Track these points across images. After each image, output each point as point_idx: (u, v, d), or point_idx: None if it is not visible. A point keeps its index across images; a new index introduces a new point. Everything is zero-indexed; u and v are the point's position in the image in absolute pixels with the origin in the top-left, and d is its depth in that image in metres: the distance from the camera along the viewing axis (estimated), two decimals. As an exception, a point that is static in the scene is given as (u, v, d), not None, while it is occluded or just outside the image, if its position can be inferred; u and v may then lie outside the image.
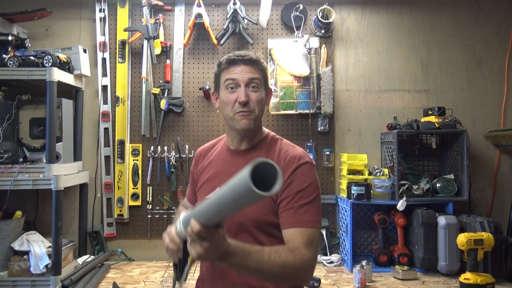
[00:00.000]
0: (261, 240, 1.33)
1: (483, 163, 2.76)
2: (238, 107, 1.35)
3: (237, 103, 1.35)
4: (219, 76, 1.42)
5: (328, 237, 2.59)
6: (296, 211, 1.28)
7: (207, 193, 1.40)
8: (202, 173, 1.50)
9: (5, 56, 2.24)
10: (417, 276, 2.25)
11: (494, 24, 2.80)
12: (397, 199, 2.39)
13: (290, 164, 1.33)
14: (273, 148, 1.41)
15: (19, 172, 2.18)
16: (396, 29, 2.79)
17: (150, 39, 2.61)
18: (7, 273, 2.17)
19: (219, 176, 1.42)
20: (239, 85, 1.36)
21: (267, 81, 1.45)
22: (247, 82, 1.36)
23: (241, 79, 1.36)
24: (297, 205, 1.29)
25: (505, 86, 2.78)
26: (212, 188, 1.38)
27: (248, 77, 1.36)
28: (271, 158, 1.34)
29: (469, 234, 2.07)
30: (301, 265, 1.19)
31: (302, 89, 2.67)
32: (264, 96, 1.41)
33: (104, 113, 2.66)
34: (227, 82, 1.37)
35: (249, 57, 1.39)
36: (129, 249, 2.65)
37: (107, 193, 2.65)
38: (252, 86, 1.37)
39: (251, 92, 1.36)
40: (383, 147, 2.69)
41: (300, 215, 1.28)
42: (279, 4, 2.72)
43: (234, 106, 1.36)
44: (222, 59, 1.42)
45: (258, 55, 1.42)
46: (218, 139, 1.57)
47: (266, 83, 1.44)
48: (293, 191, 1.30)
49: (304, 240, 1.24)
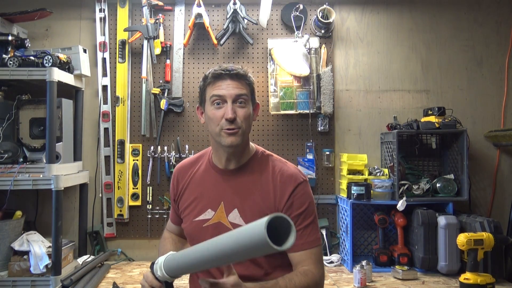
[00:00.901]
0: (259, 261, 1.33)
1: (483, 163, 2.76)
2: (225, 124, 1.29)
3: (223, 120, 1.29)
4: (204, 91, 1.36)
5: (328, 237, 2.59)
6: (302, 233, 1.29)
7: (195, 215, 1.38)
8: (185, 193, 1.44)
9: (5, 56, 2.23)
10: (417, 276, 2.25)
11: (494, 24, 2.80)
12: (397, 199, 2.39)
13: (287, 184, 1.32)
14: (265, 167, 1.38)
15: (19, 172, 2.17)
16: (396, 29, 2.79)
17: (150, 39, 2.61)
18: (7, 273, 2.17)
19: (209, 197, 1.38)
20: (226, 101, 1.31)
21: (254, 95, 1.40)
22: (234, 98, 1.30)
23: (227, 95, 1.30)
24: (302, 227, 1.30)
25: (505, 86, 2.78)
26: (201, 210, 1.37)
27: (235, 93, 1.31)
28: (265, 178, 1.36)
29: (469, 234, 2.07)
30: (315, 285, 1.25)
31: (302, 89, 2.66)
32: (251, 111, 1.36)
33: (104, 113, 2.66)
34: (213, 98, 1.32)
35: (236, 72, 1.33)
36: (129, 249, 2.65)
37: (107, 193, 2.65)
38: (240, 101, 1.31)
39: (238, 108, 1.31)
40: (383, 147, 2.69)
41: (306, 236, 1.30)
42: (279, 4, 2.72)
43: (221, 122, 1.30)
44: (208, 72, 1.36)
45: (245, 69, 1.37)
46: (198, 156, 1.51)
47: (253, 98, 1.39)
48: (296, 213, 1.31)
49: (314, 260, 1.29)
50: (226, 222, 1.33)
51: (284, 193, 1.31)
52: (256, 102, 1.42)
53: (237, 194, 1.35)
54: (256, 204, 1.32)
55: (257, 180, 1.36)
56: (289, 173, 1.34)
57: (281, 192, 1.32)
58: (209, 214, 1.36)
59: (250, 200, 1.33)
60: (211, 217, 1.35)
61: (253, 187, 1.35)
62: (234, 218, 1.32)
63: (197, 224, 1.37)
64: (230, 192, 1.36)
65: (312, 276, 1.25)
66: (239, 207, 1.33)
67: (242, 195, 1.35)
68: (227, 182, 1.37)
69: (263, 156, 1.41)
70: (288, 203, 1.31)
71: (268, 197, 1.33)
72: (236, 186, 1.37)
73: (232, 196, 1.35)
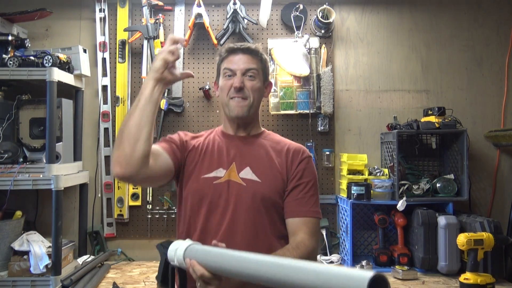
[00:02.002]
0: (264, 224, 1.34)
1: (483, 163, 2.76)
2: (233, 92, 1.38)
3: (232, 88, 1.38)
4: (219, 65, 1.46)
5: (328, 237, 2.59)
6: (307, 201, 1.35)
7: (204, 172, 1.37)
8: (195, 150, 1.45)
9: (5, 56, 2.23)
10: (417, 276, 2.25)
11: (494, 24, 2.80)
12: (397, 199, 2.39)
13: (296, 154, 1.40)
14: (274, 138, 1.47)
15: (19, 172, 2.17)
16: (396, 29, 2.79)
17: (150, 39, 2.61)
18: (7, 273, 2.17)
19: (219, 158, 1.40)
20: (236, 73, 1.39)
21: (267, 73, 1.47)
22: (243, 72, 1.38)
23: (237, 68, 1.39)
24: (309, 195, 1.36)
25: (505, 86, 2.77)
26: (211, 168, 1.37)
27: (244, 67, 1.39)
28: (274, 145, 1.42)
29: (469, 234, 2.07)
30: (307, 256, 1.27)
31: (302, 89, 2.67)
32: (261, 85, 1.43)
33: (104, 113, 2.66)
34: (225, 71, 1.41)
35: (247, 47, 1.42)
36: (129, 249, 2.64)
37: (107, 193, 2.65)
38: (249, 75, 1.39)
39: (247, 80, 1.39)
40: (383, 147, 2.69)
41: (310, 205, 1.35)
42: (279, 4, 2.72)
43: (229, 91, 1.38)
44: (223, 48, 1.46)
45: (257, 45, 1.45)
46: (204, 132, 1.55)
47: (266, 75, 1.46)
48: (304, 180, 1.37)
49: (309, 230, 1.32)
50: (238, 179, 1.35)
51: (294, 161, 1.38)
52: (269, 80, 1.49)
53: (249, 154, 1.41)
54: (268, 163, 1.38)
55: (268, 145, 1.43)
56: (298, 146, 1.44)
57: (293, 159, 1.39)
58: (220, 172, 1.38)
59: (261, 159, 1.39)
60: (222, 175, 1.37)
61: (264, 150, 1.42)
62: (246, 174, 1.36)
63: (206, 181, 1.37)
64: (241, 153, 1.41)
65: (304, 248, 1.27)
66: (251, 165, 1.38)
67: (253, 155, 1.40)
68: (238, 144, 1.43)
69: (271, 134, 1.50)
70: (298, 168, 1.37)
71: (279, 159, 1.39)
72: (247, 147, 1.43)
73: (244, 156, 1.40)
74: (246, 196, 1.33)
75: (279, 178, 1.37)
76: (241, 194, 1.33)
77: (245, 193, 1.33)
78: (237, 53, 1.41)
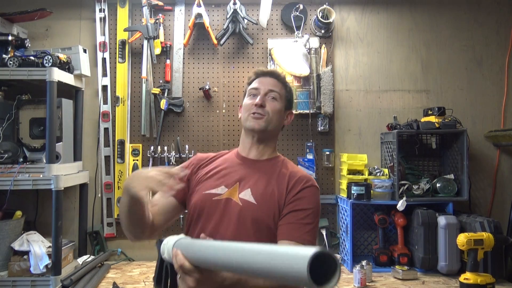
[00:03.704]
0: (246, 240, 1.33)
1: (483, 163, 2.76)
2: (254, 108, 1.42)
3: (253, 106, 1.42)
4: (246, 88, 1.52)
5: (328, 237, 2.59)
6: (300, 227, 1.32)
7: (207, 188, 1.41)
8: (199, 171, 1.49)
9: (5, 56, 2.24)
10: (417, 276, 2.25)
11: (494, 24, 2.80)
12: (397, 199, 2.39)
13: (300, 181, 1.39)
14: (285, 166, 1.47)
15: (19, 172, 2.18)
16: (396, 29, 2.80)
17: (150, 39, 2.61)
18: (7, 273, 2.17)
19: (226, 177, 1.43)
20: (259, 93, 1.45)
21: (290, 101, 1.52)
22: (266, 92, 1.44)
23: (261, 88, 1.45)
24: (303, 222, 1.32)
25: (505, 86, 2.78)
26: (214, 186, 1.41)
27: (268, 88, 1.45)
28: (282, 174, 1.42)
29: (469, 234, 2.07)
30: None
31: (302, 89, 2.67)
32: (282, 108, 1.47)
33: (104, 113, 2.66)
34: (250, 91, 1.47)
35: (275, 72, 1.51)
36: (129, 249, 2.64)
37: (107, 193, 2.65)
38: (272, 96, 1.45)
39: (269, 100, 1.44)
40: (383, 147, 2.69)
41: (304, 233, 1.31)
42: (279, 4, 2.72)
43: (251, 108, 1.43)
44: (252, 71, 1.54)
45: (284, 74, 1.56)
46: (217, 153, 1.58)
47: (288, 103, 1.51)
48: (302, 207, 1.34)
49: None
50: (236, 198, 1.37)
51: (296, 186, 1.38)
52: (291, 110, 1.54)
53: (254, 178, 1.42)
54: (269, 188, 1.38)
55: (275, 171, 1.43)
56: (305, 175, 1.44)
57: (294, 186, 1.38)
58: (221, 190, 1.40)
59: (264, 184, 1.39)
60: (223, 193, 1.39)
61: (270, 175, 1.42)
62: (244, 195, 1.37)
63: (207, 196, 1.40)
64: (247, 176, 1.43)
65: None
66: (252, 187, 1.39)
67: (257, 179, 1.41)
68: (247, 167, 1.45)
69: (284, 160, 1.51)
70: (298, 195, 1.36)
71: (281, 187, 1.38)
72: (254, 171, 1.44)
73: (248, 179, 1.42)
74: (238, 215, 1.34)
75: (275, 202, 1.36)
76: (234, 213, 1.35)
77: (238, 212, 1.34)
78: (265, 76, 1.49)
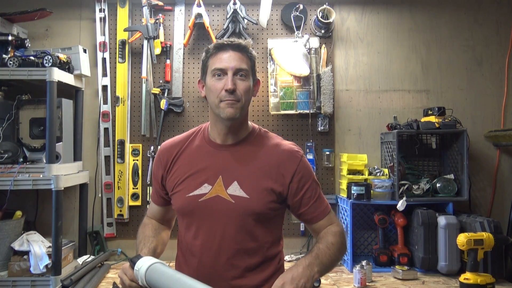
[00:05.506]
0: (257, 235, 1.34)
1: (483, 163, 2.76)
2: (225, 95, 1.31)
3: (223, 91, 1.31)
4: (206, 63, 1.37)
5: (328, 237, 2.59)
6: (317, 204, 1.38)
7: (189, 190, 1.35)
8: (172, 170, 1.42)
9: (5, 56, 2.23)
10: (417, 276, 2.25)
11: (494, 24, 2.80)
12: (397, 199, 2.39)
13: (290, 158, 1.37)
14: (264, 141, 1.41)
15: (19, 172, 2.17)
16: (396, 29, 2.79)
17: (150, 39, 2.61)
18: (7, 273, 2.17)
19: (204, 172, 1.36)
20: (226, 73, 1.32)
21: (255, 70, 1.41)
22: (234, 71, 1.32)
23: (229, 67, 1.32)
24: (316, 198, 1.38)
25: (505, 86, 2.78)
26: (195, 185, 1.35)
27: (236, 66, 1.32)
28: (265, 152, 1.38)
29: (469, 234, 2.07)
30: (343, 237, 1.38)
31: (302, 89, 2.66)
32: (251, 85, 1.37)
33: (104, 113, 2.66)
34: (214, 71, 1.33)
35: (238, 43, 1.36)
36: (129, 249, 2.64)
37: (107, 193, 2.65)
38: (240, 74, 1.33)
39: (239, 80, 1.33)
40: (383, 147, 2.69)
41: (321, 206, 1.39)
42: (279, 4, 2.72)
43: (220, 93, 1.31)
44: (210, 45, 1.38)
45: (247, 41, 1.39)
46: (186, 134, 1.48)
47: (254, 73, 1.40)
48: (307, 186, 1.37)
49: (332, 221, 1.41)
50: (225, 195, 1.32)
51: (290, 167, 1.36)
52: (256, 78, 1.43)
53: (236, 166, 1.35)
54: (257, 176, 1.34)
55: (257, 152, 1.38)
56: (289, 148, 1.40)
57: (286, 165, 1.36)
58: (205, 188, 1.34)
59: (250, 171, 1.35)
60: (207, 191, 1.33)
61: (253, 159, 1.36)
62: (234, 190, 1.32)
63: (191, 199, 1.34)
64: (228, 165, 1.36)
65: (339, 233, 1.37)
66: (239, 179, 1.33)
67: (241, 167, 1.35)
68: (225, 156, 1.37)
69: (260, 132, 1.45)
70: (298, 176, 1.36)
71: (270, 170, 1.35)
72: (235, 158, 1.37)
73: (231, 169, 1.35)
74: (236, 214, 1.31)
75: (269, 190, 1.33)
76: (230, 213, 1.31)
77: (235, 211, 1.30)
78: (227, 50, 1.33)
